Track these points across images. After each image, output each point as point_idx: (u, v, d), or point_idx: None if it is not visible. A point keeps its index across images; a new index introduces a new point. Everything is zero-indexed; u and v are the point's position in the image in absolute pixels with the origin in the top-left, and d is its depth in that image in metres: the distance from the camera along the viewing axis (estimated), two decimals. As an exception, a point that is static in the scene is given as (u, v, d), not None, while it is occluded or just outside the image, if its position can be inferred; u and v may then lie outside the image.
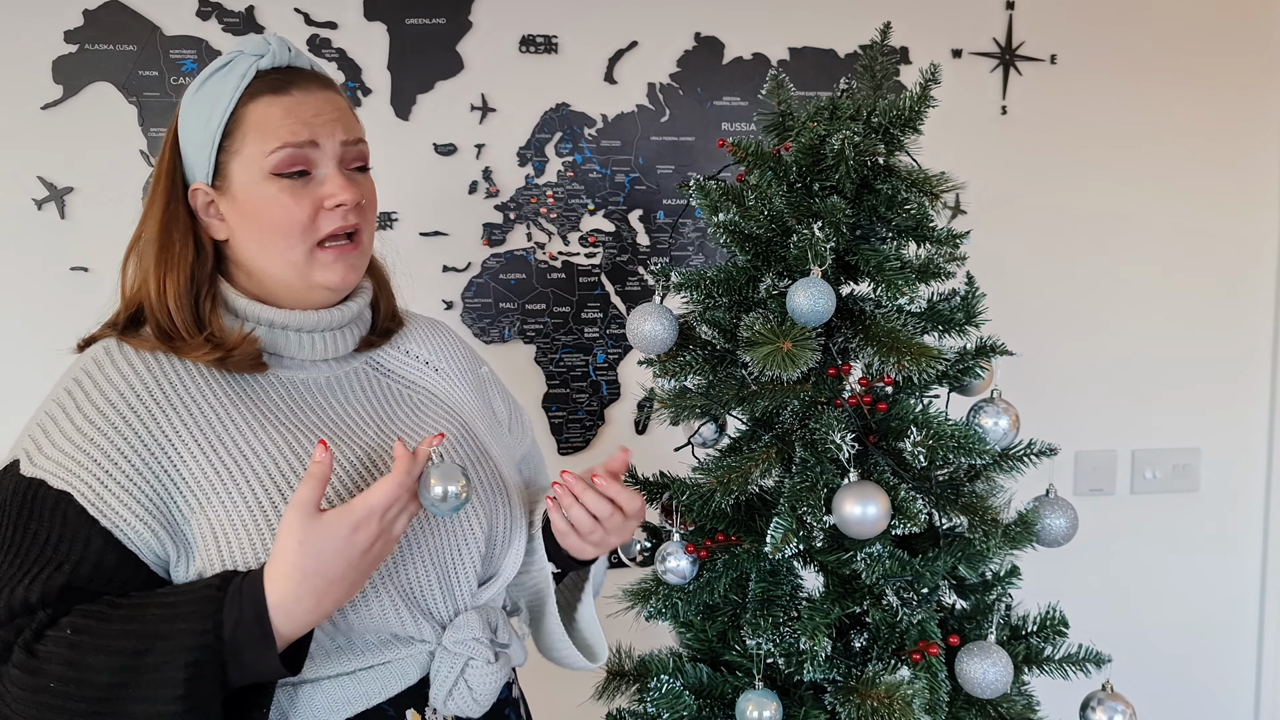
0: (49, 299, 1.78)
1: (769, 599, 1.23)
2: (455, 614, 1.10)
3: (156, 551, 0.97)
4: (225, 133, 1.05)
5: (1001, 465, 1.26)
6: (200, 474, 0.99)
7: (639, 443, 1.99)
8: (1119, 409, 2.17)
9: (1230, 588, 2.27)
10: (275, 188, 1.04)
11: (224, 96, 1.05)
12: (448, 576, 1.09)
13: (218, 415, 1.02)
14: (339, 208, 1.06)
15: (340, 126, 1.07)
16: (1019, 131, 2.07)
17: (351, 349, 1.17)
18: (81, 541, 0.94)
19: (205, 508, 0.98)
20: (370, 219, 1.13)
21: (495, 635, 1.12)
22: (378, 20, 1.84)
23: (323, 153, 1.06)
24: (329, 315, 1.12)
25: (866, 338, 1.17)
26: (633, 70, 1.93)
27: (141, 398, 1.00)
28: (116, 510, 0.95)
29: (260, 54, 1.06)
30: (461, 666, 1.07)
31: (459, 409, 1.22)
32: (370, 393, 1.16)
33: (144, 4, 1.77)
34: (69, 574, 0.93)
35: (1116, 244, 2.13)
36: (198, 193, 1.07)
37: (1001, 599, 1.30)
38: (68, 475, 0.95)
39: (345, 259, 1.09)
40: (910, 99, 1.18)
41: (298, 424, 1.06)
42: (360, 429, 1.10)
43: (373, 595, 1.02)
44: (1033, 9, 2.04)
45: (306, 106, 1.06)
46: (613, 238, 1.95)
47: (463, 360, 1.28)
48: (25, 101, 1.76)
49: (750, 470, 1.19)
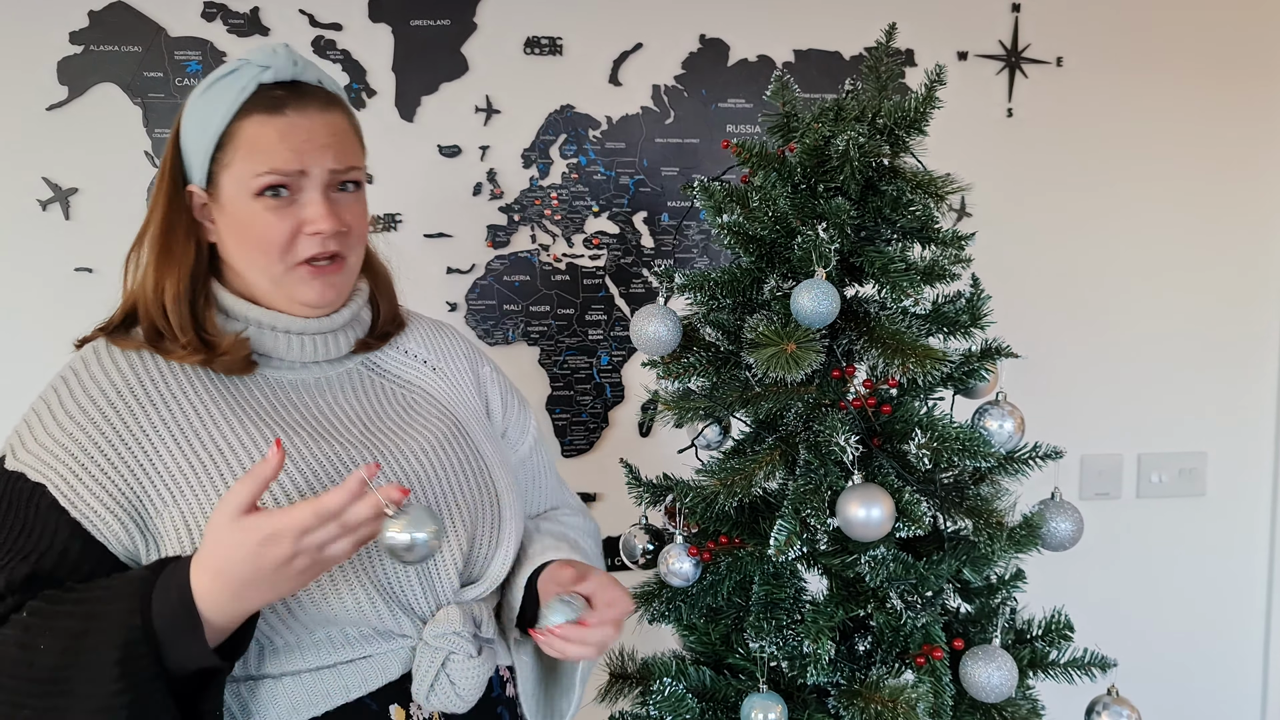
0: (53, 299, 1.78)
1: (773, 602, 1.22)
2: (437, 608, 1.09)
3: (125, 543, 0.99)
4: (219, 145, 1.05)
5: (1006, 468, 1.26)
6: (175, 467, 1.01)
7: (643, 445, 1.99)
8: (1125, 412, 2.16)
9: (1236, 592, 2.26)
10: (260, 206, 1.05)
11: (222, 106, 1.05)
12: (427, 571, 1.08)
13: (195, 410, 1.04)
14: (317, 235, 1.06)
15: (331, 154, 1.06)
16: (1024, 134, 2.06)
17: (346, 352, 1.16)
18: (50, 532, 0.97)
19: (178, 500, 1.00)
20: (354, 243, 1.11)
21: (479, 630, 1.11)
22: (382, 22, 1.84)
23: (309, 179, 1.06)
24: (322, 319, 1.12)
25: (871, 340, 1.17)
26: (637, 72, 1.92)
27: (122, 394, 1.03)
28: (87, 502, 0.98)
29: (265, 65, 1.05)
30: (442, 660, 1.06)
31: (453, 408, 1.21)
32: (361, 391, 1.16)
33: (149, 5, 1.78)
34: (34, 563, 0.96)
35: (1122, 247, 2.13)
36: (192, 195, 1.09)
37: (1006, 603, 1.30)
38: (44, 469, 0.99)
39: (324, 278, 1.08)
40: (915, 101, 1.18)
41: (278, 419, 1.07)
42: (344, 426, 1.10)
43: (345, 588, 1.02)
44: (1038, 11, 2.04)
45: (299, 131, 1.05)
46: (617, 240, 1.94)
47: (463, 359, 1.28)
48: (30, 102, 1.76)
49: (754, 472, 1.19)
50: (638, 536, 1.35)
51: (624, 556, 1.36)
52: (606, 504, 1.96)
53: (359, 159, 1.12)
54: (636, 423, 1.99)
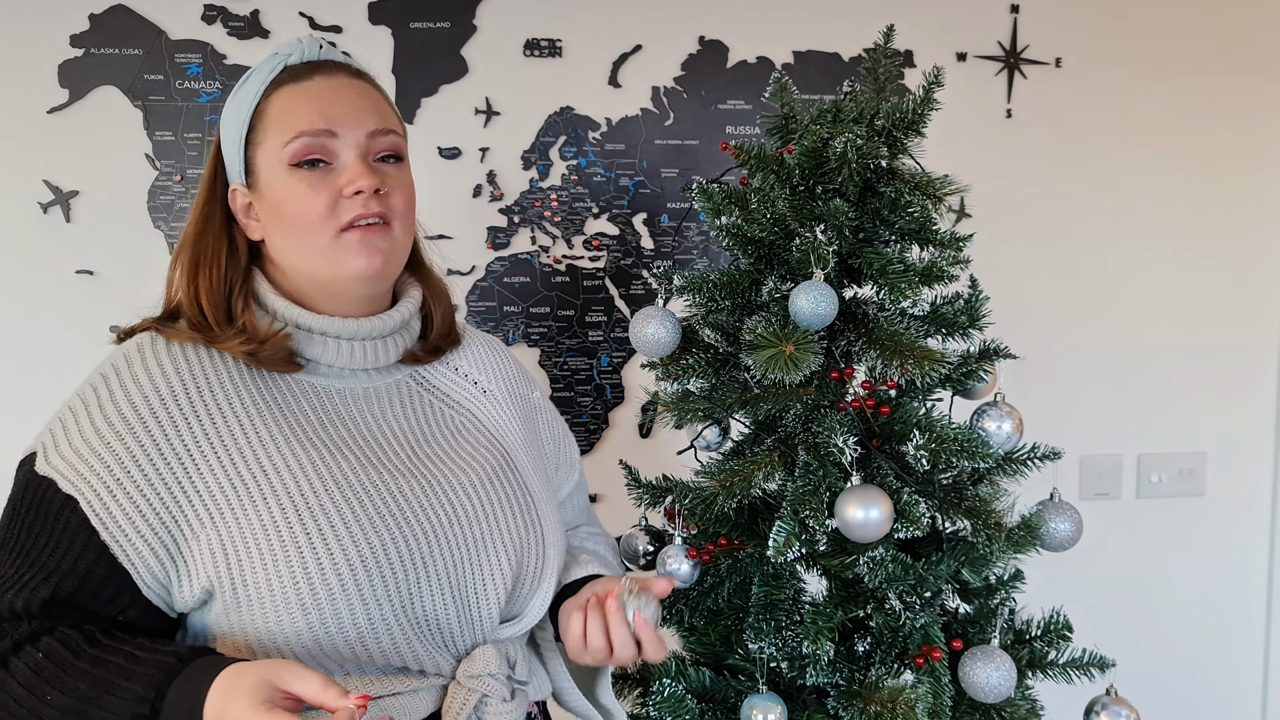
0: (54, 302, 1.78)
1: (772, 603, 1.22)
2: (473, 647, 1.06)
3: (154, 570, 0.95)
4: (250, 126, 1.04)
5: (1005, 469, 1.26)
6: (216, 486, 0.96)
7: (642, 446, 1.99)
8: (1124, 413, 2.17)
9: (1236, 592, 2.26)
10: (295, 179, 1.01)
11: (250, 93, 1.04)
12: (468, 610, 1.05)
13: (241, 424, 0.99)
14: (358, 195, 1.01)
15: (366, 115, 1.04)
16: (1023, 135, 2.07)
17: (394, 360, 1.12)
18: (76, 552, 0.93)
19: (217, 522, 0.95)
20: (400, 210, 1.06)
21: (513, 671, 1.07)
22: (382, 24, 1.84)
23: (342, 142, 1.02)
24: (368, 324, 1.07)
25: (869, 341, 1.17)
26: (637, 74, 1.93)
27: (165, 402, 0.97)
28: (119, 524, 0.93)
29: (290, 52, 1.05)
30: (475, 703, 1.02)
31: (502, 437, 1.16)
32: (409, 409, 1.11)
33: (149, 8, 1.78)
34: (55, 584, 0.92)
35: (1121, 248, 2.13)
36: (235, 194, 1.07)
37: (1005, 603, 1.30)
38: (78, 480, 0.94)
39: (371, 241, 1.02)
40: (914, 102, 1.18)
41: (326, 438, 1.02)
42: (392, 449, 1.06)
43: (383, 628, 0.98)
44: (1037, 12, 2.04)
45: (327, 92, 1.03)
46: (617, 241, 1.95)
47: (514, 383, 1.23)
48: (31, 105, 1.76)
49: (753, 474, 1.19)
50: (637, 538, 1.35)
51: (624, 558, 1.36)
52: (606, 505, 1.96)
53: (395, 123, 1.08)
54: (636, 424, 1.99)
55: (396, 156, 1.07)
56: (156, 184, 1.80)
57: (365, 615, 0.97)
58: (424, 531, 1.02)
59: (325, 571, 0.95)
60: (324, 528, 0.97)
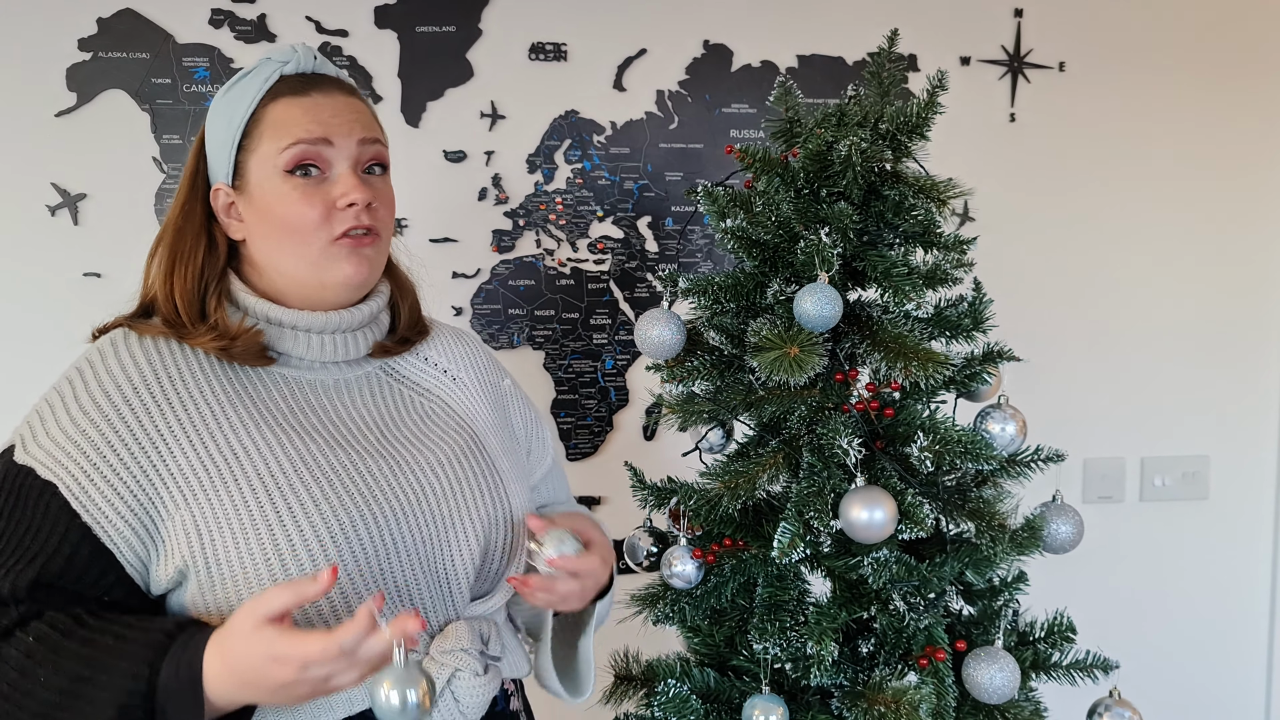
0: (62, 305, 1.79)
1: (776, 604, 1.23)
2: (447, 623, 1.09)
3: (135, 549, 0.98)
4: (245, 132, 1.07)
5: (1009, 471, 1.26)
6: (189, 469, 0.99)
7: (647, 448, 2.00)
8: (1128, 416, 2.17)
9: (1239, 595, 2.26)
10: (289, 186, 1.05)
11: (246, 98, 1.07)
12: (440, 584, 1.08)
13: (213, 411, 1.03)
14: (351, 207, 1.06)
15: (356, 125, 1.08)
16: (1027, 138, 2.07)
17: (364, 353, 1.15)
18: (58, 535, 0.96)
19: (190, 503, 0.99)
20: (385, 221, 1.12)
21: (486, 647, 1.09)
22: (388, 28, 1.85)
23: (337, 152, 1.07)
24: (337, 317, 1.11)
25: (874, 343, 1.17)
26: (642, 78, 1.93)
27: (138, 390, 1.01)
28: (98, 505, 0.96)
29: (286, 60, 1.09)
30: (448, 677, 1.04)
31: (471, 421, 1.20)
32: (379, 396, 1.15)
33: (157, 12, 1.79)
34: (40, 566, 0.95)
35: (1125, 250, 2.13)
36: (219, 193, 1.10)
37: (1009, 604, 1.30)
38: (56, 466, 0.97)
39: (361, 252, 1.08)
40: (918, 105, 1.19)
41: (295, 424, 1.06)
42: (360, 433, 1.10)
43: (356, 600, 1.00)
44: (1041, 16, 2.05)
45: (324, 108, 1.07)
46: (621, 244, 1.95)
47: (484, 371, 1.26)
48: (39, 108, 1.77)
49: (757, 475, 1.19)
50: (642, 539, 1.35)
51: (628, 559, 1.36)
52: (611, 507, 1.97)
53: (380, 134, 1.14)
54: (641, 426, 1.99)
55: (382, 166, 1.13)
56: (164, 187, 1.81)
57: (338, 590, 1.00)
58: (392, 508, 1.05)
59: (296, 548, 0.99)
60: (294, 506, 1.00)
